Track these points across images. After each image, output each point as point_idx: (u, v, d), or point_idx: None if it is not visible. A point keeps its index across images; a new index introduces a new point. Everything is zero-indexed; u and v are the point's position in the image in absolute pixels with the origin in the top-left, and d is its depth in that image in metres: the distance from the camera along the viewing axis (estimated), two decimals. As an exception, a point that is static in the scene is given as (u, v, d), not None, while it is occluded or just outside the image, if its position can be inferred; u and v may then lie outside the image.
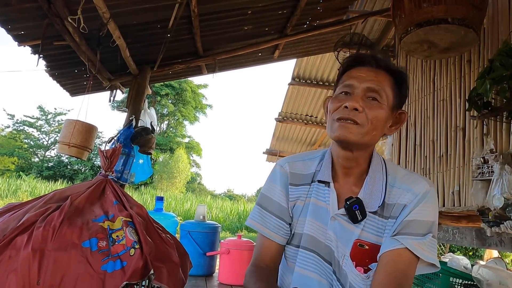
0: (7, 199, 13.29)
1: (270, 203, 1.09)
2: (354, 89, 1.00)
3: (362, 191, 1.02)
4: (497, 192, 1.91)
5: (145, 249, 1.22)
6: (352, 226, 0.99)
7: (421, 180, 1.02)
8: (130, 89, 3.62)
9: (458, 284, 2.23)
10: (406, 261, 0.93)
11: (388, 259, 0.93)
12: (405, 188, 1.01)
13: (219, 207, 17.25)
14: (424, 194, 0.99)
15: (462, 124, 2.44)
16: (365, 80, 1.00)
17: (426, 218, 0.97)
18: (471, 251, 8.22)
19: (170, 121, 27.73)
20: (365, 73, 1.01)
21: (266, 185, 1.13)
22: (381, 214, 1.00)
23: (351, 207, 0.98)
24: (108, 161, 1.46)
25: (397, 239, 0.94)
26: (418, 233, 0.95)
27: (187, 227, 3.74)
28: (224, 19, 3.28)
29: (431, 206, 0.99)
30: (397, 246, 0.93)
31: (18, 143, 24.20)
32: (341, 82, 1.05)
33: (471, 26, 2.07)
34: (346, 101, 0.98)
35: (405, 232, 0.95)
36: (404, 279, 0.91)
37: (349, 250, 0.98)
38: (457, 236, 2.43)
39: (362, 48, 3.73)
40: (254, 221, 1.10)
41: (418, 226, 0.96)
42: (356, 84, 1.00)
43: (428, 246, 0.95)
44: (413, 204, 0.98)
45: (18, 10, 2.45)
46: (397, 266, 0.92)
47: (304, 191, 1.09)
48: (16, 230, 1.16)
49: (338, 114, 0.99)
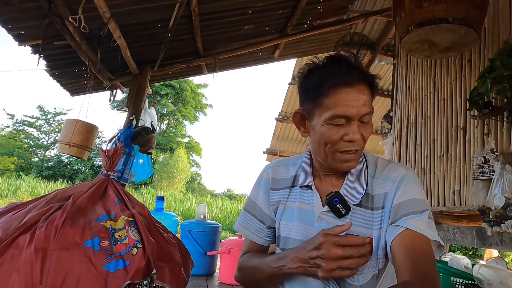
0: (7, 199, 13.28)
1: (254, 207, 1.17)
2: (351, 118, 0.96)
3: (344, 186, 1.04)
4: (498, 191, 1.91)
5: (148, 249, 1.22)
6: (339, 222, 0.99)
7: (398, 167, 1.04)
8: (131, 88, 3.62)
9: (459, 283, 2.24)
10: (413, 239, 0.91)
11: (396, 246, 0.91)
12: (384, 178, 1.03)
13: (219, 206, 17.26)
14: (401, 179, 1.00)
15: (463, 123, 2.44)
16: (360, 106, 0.95)
17: (412, 196, 0.98)
18: (471, 251, 8.22)
19: (170, 120, 27.72)
20: (356, 96, 0.95)
21: (252, 190, 1.20)
22: (366, 206, 1.01)
23: (331, 201, 0.99)
24: (110, 160, 1.46)
25: (395, 225, 0.94)
26: (411, 211, 0.94)
27: (187, 227, 3.74)
28: (224, 19, 3.28)
29: (412, 186, 1.00)
30: (398, 231, 0.92)
31: (18, 143, 24.18)
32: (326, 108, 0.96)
33: (472, 26, 2.07)
34: (345, 131, 0.96)
35: (400, 216, 0.95)
36: (420, 256, 0.89)
37: None
38: (457, 236, 2.44)
39: (363, 47, 3.73)
40: (240, 225, 1.19)
41: (409, 205, 0.96)
42: (352, 114, 0.95)
43: (427, 224, 0.94)
44: (393, 190, 0.99)
45: (18, 9, 2.45)
46: (408, 249, 0.90)
47: (284, 194, 1.12)
48: (18, 229, 1.16)
49: (342, 147, 0.98)
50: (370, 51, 3.84)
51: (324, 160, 1.02)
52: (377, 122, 6.30)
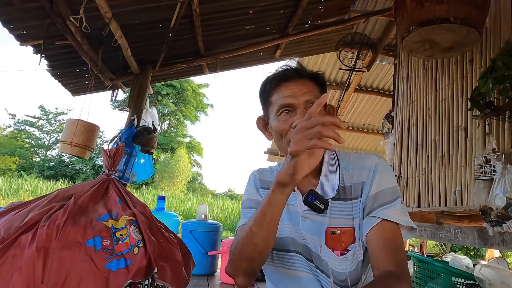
0: (8, 199, 13.29)
1: (250, 202, 1.18)
2: (295, 106, 1.04)
3: (320, 183, 1.08)
4: (499, 191, 1.91)
5: (149, 248, 1.22)
6: (321, 217, 1.04)
7: (370, 156, 1.09)
8: (132, 88, 3.62)
9: (460, 283, 2.23)
10: (389, 230, 0.97)
11: (374, 237, 0.97)
12: (358, 167, 1.07)
13: (220, 206, 17.24)
14: (375, 167, 1.05)
15: (464, 123, 2.43)
16: (301, 95, 1.04)
17: (386, 185, 1.02)
18: (472, 251, 8.21)
19: (171, 120, 27.73)
20: (296, 87, 1.05)
21: (245, 192, 1.23)
22: (343, 198, 1.06)
23: (307, 199, 1.02)
24: (111, 160, 1.47)
25: (372, 216, 0.99)
26: (386, 201, 1.00)
27: (189, 227, 3.74)
28: (225, 19, 3.28)
29: (386, 175, 1.05)
30: (375, 222, 0.98)
31: (19, 143, 24.21)
32: (274, 103, 1.07)
33: (474, 26, 2.07)
34: (292, 120, 1.02)
35: (375, 207, 1.00)
36: (397, 246, 0.96)
37: (323, 239, 1.04)
38: (459, 236, 2.43)
39: (364, 47, 3.72)
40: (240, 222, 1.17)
41: (384, 195, 1.01)
42: (294, 101, 1.04)
43: (401, 211, 1.00)
44: (369, 179, 1.04)
45: (20, 9, 2.46)
46: (385, 239, 0.96)
47: None
48: (20, 229, 1.16)
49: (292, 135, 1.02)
50: (371, 51, 3.84)
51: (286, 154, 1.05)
52: (379, 122, 6.30)
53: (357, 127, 6.80)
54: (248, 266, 1.01)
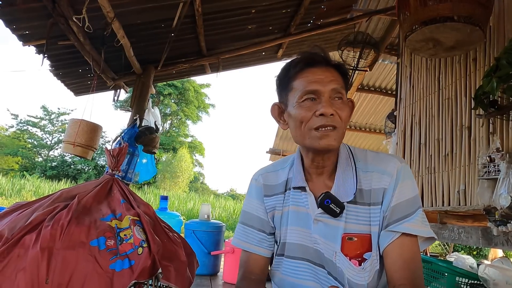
0: (11, 199, 13.33)
1: (250, 218, 1.13)
2: (320, 94, 0.98)
3: (334, 185, 1.03)
4: (503, 191, 1.90)
5: (153, 248, 1.22)
6: (336, 221, 1.00)
7: (391, 159, 1.03)
8: (134, 88, 3.63)
9: (464, 283, 2.22)
10: (409, 246, 0.94)
11: (392, 253, 0.94)
12: (378, 171, 1.01)
13: (222, 206, 17.25)
14: (398, 173, 0.99)
15: (468, 122, 2.42)
16: (327, 82, 0.98)
17: (409, 196, 0.98)
18: (475, 251, 8.19)
19: (173, 120, 27.76)
20: (322, 74, 0.99)
21: (245, 201, 1.17)
22: (360, 202, 1.00)
23: (323, 202, 0.99)
24: (115, 160, 1.47)
25: (392, 230, 0.96)
26: (408, 213, 0.96)
27: (191, 226, 3.74)
28: (227, 18, 3.28)
29: (409, 182, 1.00)
30: (395, 237, 0.95)
31: (21, 143, 24.28)
32: (297, 89, 1.00)
33: (477, 24, 2.06)
34: (316, 108, 0.97)
35: (396, 219, 0.96)
36: (415, 263, 0.94)
37: (338, 246, 0.99)
38: (462, 236, 2.42)
39: (366, 46, 3.71)
40: (239, 240, 1.14)
41: (405, 207, 0.97)
42: (321, 88, 0.98)
43: (421, 222, 0.97)
44: (391, 187, 0.98)
45: (23, 10, 2.46)
46: (404, 256, 0.93)
47: (279, 200, 1.10)
48: (24, 229, 1.16)
49: (316, 123, 0.97)
50: (374, 50, 3.82)
51: (304, 142, 1.01)
52: (381, 121, 6.29)
53: (360, 127, 6.79)
54: None
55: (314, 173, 1.07)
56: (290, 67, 1.04)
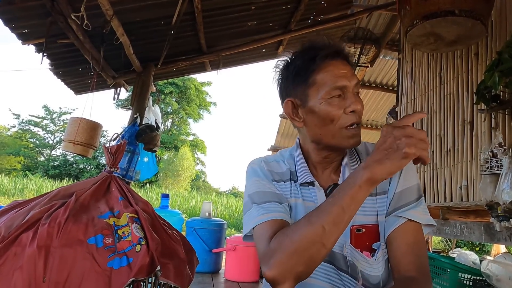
0: (13, 198, 13.37)
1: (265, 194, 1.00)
2: (347, 89, 0.94)
3: (341, 177, 1.02)
4: (506, 186, 1.88)
5: (151, 246, 1.21)
6: None
7: None
8: (134, 86, 3.62)
9: (467, 279, 2.21)
10: (414, 231, 0.94)
11: (397, 239, 0.94)
12: None
13: (224, 204, 17.25)
14: None
15: (470, 117, 2.41)
16: (351, 76, 0.95)
17: (412, 182, 0.99)
18: (477, 246, 8.17)
19: (174, 119, 27.77)
20: (345, 68, 0.95)
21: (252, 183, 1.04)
22: None
23: None
24: (112, 157, 1.45)
25: (397, 215, 0.95)
26: (411, 200, 0.96)
27: (193, 224, 3.74)
28: (227, 15, 3.26)
29: (411, 171, 1.00)
30: (401, 222, 0.94)
31: (24, 143, 24.34)
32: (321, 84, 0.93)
33: (479, 18, 2.03)
34: (345, 104, 0.93)
35: (401, 205, 0.96)
36: (420, 247, 0.93)
37: (348, 238, 0.97)
38: (465, 231, 2.41)
39: (367, 42, 3.69)
40: (259, 216, 0.95)
41: (409, 194, 0.97)
42: (348, 84, 0.93)
43: (424, 210, 0.97)
44: (397, 173, 0.98)
45: (21, 8, 2.45)
46: (408, 241, 0.93)
47: (287, 188, 1.06)
48: (21, 227, 1.15)
49: (347, 120, 0.94)
50: (375, 46, 3.80)
51: (330, 141, 0.97)
52: (382, 117, 6.27)
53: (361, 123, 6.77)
54: (306, 269, 0.84)
55: (321, 168, 1.05)
56: (309, 59, 0.96)
